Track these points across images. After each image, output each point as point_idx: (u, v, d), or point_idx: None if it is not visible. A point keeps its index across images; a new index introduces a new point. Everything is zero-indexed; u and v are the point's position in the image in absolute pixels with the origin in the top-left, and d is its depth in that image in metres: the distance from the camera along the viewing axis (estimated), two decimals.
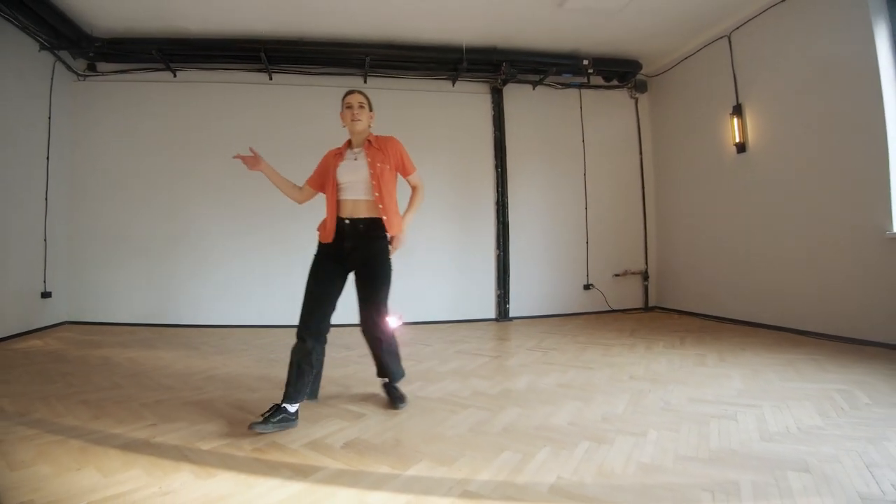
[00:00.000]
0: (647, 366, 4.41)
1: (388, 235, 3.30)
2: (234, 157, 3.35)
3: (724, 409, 3.21)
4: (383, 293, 3.27)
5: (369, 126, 3.40)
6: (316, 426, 3.01)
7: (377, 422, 3.10)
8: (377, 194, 3.19)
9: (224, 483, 2.27)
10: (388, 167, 3.28)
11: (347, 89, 3.45)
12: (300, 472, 2.38)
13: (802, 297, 5.58)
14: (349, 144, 3.39)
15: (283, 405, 2.97)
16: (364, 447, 2.70)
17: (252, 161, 3.29)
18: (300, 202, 3.55)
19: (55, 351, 4.99)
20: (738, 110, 6.28)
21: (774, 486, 2.17)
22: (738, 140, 6.28)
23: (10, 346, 5.16)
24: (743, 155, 6.30)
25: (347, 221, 3.19)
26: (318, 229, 3.29)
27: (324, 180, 3.36)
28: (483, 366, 4.52)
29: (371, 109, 3.41)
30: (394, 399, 3.40)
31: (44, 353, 4.91)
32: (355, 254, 3.21)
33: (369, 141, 3.33)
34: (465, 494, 2.17)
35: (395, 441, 2.79)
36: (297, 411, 3.02)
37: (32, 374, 4.09)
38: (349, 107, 3.32)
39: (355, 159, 3.27)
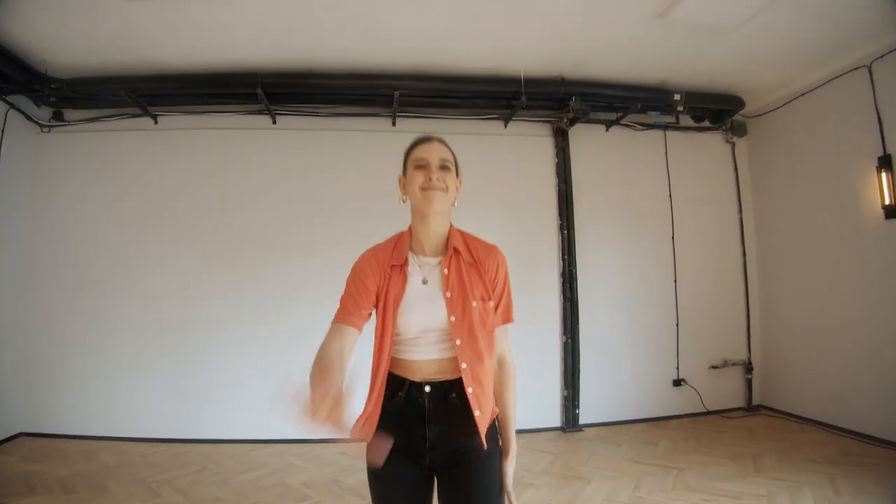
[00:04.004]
0: None
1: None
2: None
3: None
4: None
5: (453, 206, 1.85)
6: None
7: None
8: (463, 340, 1.71)
9: None
10: (489, 303, 1.77)
11: (418, 136, 1.94)
12: None
13: None
14: (408, 244, 1.84)
15: None
16: None
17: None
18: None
19: None
20: (886, 163, 4.73)
21: None
22: (887, 202, 4.72)
23: None
24: (894, 221, 4.74)
25: (427, 388, 1.71)
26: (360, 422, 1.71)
27: (361, 310, 1.74)
28: None
29: (458, 175, 1.88)
30: None
31: None
32: (443, 444, 1.72)
33: (454, 247, 1.81)
34: None
35: None
36: None
37: None
38: (422, 166, 1.78)
39: (424, 282, 1.77)
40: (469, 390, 1.68)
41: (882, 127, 4.79)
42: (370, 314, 1.74)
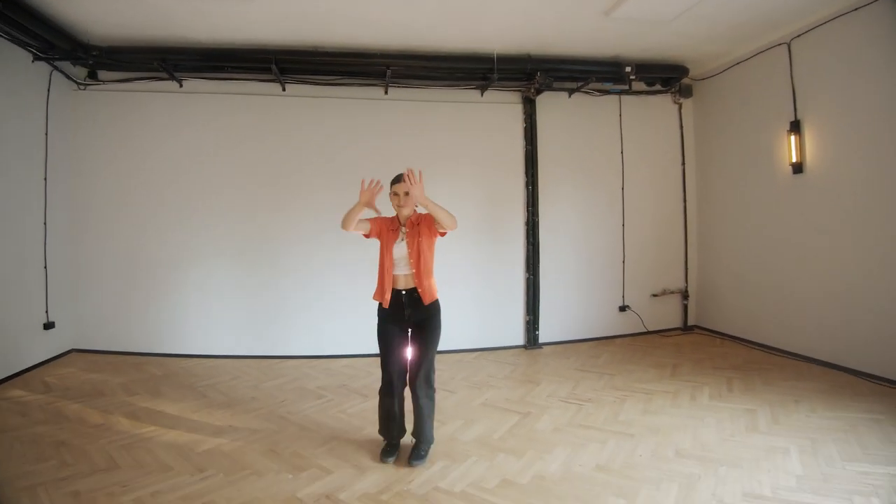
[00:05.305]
0: (695, 432, 4.00)
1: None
2: (363, 182, 3.50)
3: None
4: (433, 352, 3.66)
5: (415, 210, 3.67)
6: None
7: None
8: (415, 269, 3.59)
9: None
10: (423, 238, 3.59)
11: (395, 176, 3.62)
12: None
13: (862, 334, 5.12)
14: (398, 220, 3.71)
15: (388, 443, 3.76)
16: None
17: (369, 198, 3.49)
18: (349, 230, 3.54)
19: (53, 404, 4.60)
20: (796, 127, 5.68)
21: None
22: (794, 160, 5.70)
23: (10, 393, 4.84)
24: (800, 176, 5.73)
25: (404, 292, 3.61)
26: (376, 294, 3.70)
27: (378, 237, 3.69)
28: (512, 431, 4.12)
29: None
30: (411, 455, 3.63)
31: (41, 406, 4.55)
32: (414, 318, 3.63)
33: (413, 221, 3.65)
34: None
35: None
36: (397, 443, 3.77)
37: (25, 444, 3.77)
38: (395, 194, 3.60)
39: (402, 240, 3.61)
40: (419, 289, 3.58)
41: (795, 96, 5.74)
42: (370, 231, 3.63)
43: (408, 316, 3.62)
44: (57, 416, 4.36)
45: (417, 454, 3.60)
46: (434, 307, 3.66)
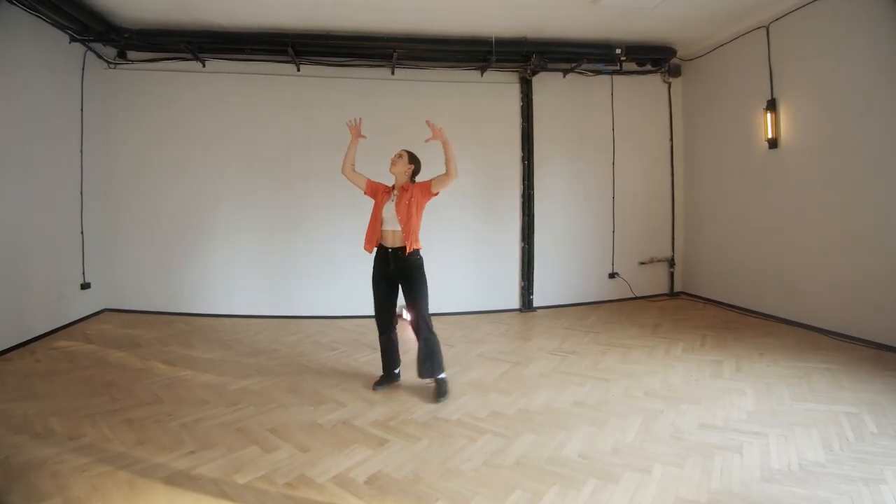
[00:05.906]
0: (664, 377, 4.52)
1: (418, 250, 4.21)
2: (349, 122, 4.35)
3: (731, 439, 3.34)
4: (422, 301, 4.20)
5: (405, 173, 4.24)
6: (342, 455, 3.21)
7: (400, 449, 3.29)
8: (402, 227, 4.12)
9: None
10: (414, 200, 4.13)
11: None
12: None
13: (827, 296, 5.61)
14: (392, 186, 4.30)
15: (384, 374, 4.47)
16: (386, 483, 2.90)
17: (357, 132, 4.33)
18: (346, 175, 4.30)
19: (97, 353, 5.20)
20: (772, 105, 6.12)
21: None
22: (770, 136, 6.16)
23: (56, 344, 5.44)
24: (774, 151, 6.19)
25: (391, 251, 4.17)
26: (365, 245, 4.29)
27: (372, 196, 4.34)
28: (503, 376, 4.67)
29: (411, 163, 4.27)
30: (435, 393, 4.19)
31: (86, 354, 5.14)
32: (398, 273, 4.19)
33: (403, 188, 4.20)
34: None
35: (415, 476, 2.97)
36: (398, 372, 4.50)
37: (78, 384, 4.35)
38: (393, 154, 4.27)
39: (392, 201, 4.19)
40: (405, 244, 4.08)
41: (772, 76, 6.17)
42: (365, 187, 4.35)
43: (392, 270, 4.18)
44: (101, 362, 4.93)
45: (440, 392, 4.15)
46: (415, 263, 4.16)
